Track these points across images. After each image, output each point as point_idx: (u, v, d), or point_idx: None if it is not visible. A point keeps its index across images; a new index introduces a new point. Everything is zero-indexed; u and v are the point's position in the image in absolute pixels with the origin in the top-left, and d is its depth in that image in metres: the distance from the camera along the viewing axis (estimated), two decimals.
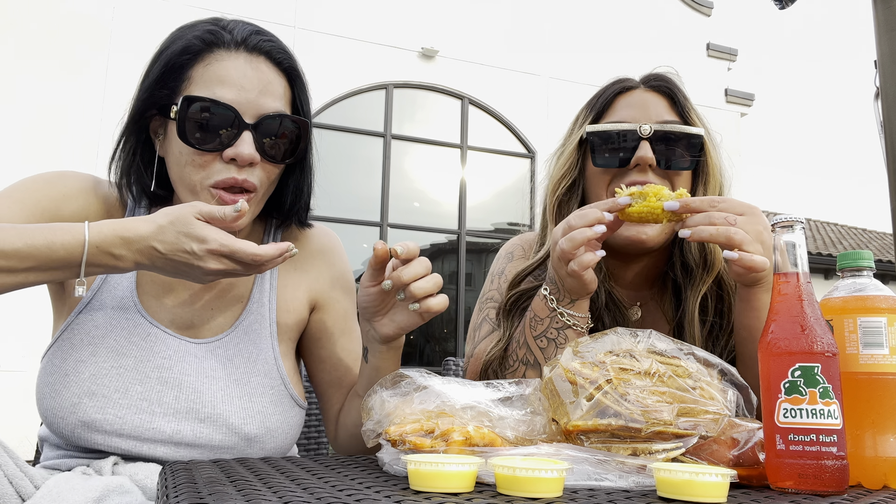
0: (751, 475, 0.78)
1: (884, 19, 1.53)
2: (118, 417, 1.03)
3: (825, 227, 15.66)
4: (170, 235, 0.91)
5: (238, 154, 1.04)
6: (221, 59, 1.06)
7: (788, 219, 0.82)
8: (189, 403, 1.07)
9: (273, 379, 1.16)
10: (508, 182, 8.94)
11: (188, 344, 1.12)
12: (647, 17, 9.68)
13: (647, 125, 1.20)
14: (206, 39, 1.06)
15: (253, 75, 1.06)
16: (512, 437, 0.81)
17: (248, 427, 1.10)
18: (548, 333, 1.13)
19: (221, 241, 0.91)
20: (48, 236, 0.89)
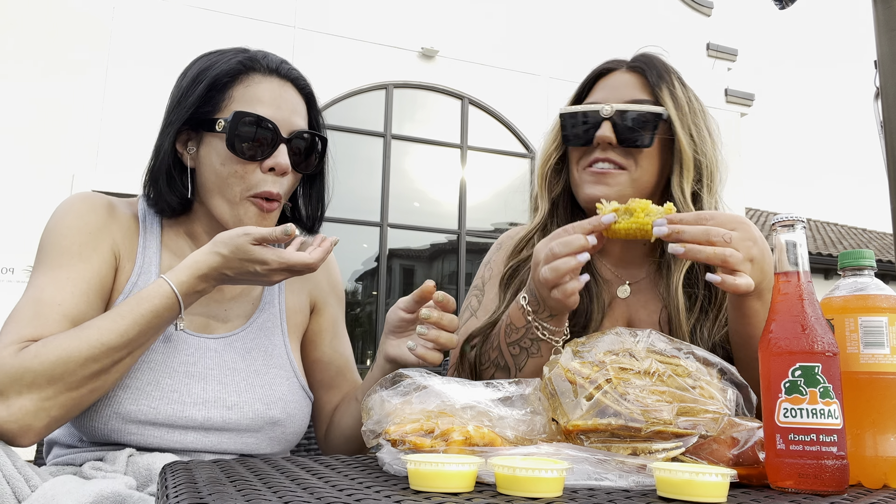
0: (751, 475, 0.78)
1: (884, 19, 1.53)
2: (151, 408, 1.10)
3: (825, 227, 15.66)
4: (234, 263, 1.06)
5: (277, 164, 1.18)
6: (259, 81, 1.20)
7: (789, 218, 0.82)
8: (216, 393, 1.16)
9: (287, 371, 1.26)
10: (508, 182, 8.94)
11: (207, 340, 1.20)
12: (648, 17, 9.68)
13: (608, 106, 1.26)
14: (245, 64, 1.21)
15: (285, 97, 1.22)
16: (512, 436, 0.81)
17: (272, 412, 1.19)
18: (521, 342, 1.15)
19: (279, 261, 1.06)
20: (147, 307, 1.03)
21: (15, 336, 1.01)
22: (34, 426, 0.97)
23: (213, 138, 1.18)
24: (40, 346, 0.99)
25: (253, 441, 1.18)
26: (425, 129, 8.78)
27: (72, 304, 1.07)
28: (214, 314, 1.25)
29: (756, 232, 1.01)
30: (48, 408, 0.97)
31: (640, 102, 1.27)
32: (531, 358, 1.14)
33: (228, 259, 1.06)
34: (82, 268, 1.12)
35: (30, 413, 0.96)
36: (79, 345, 0.99)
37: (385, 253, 8.39)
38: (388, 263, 8.51)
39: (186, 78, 1.22)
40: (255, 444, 1.19)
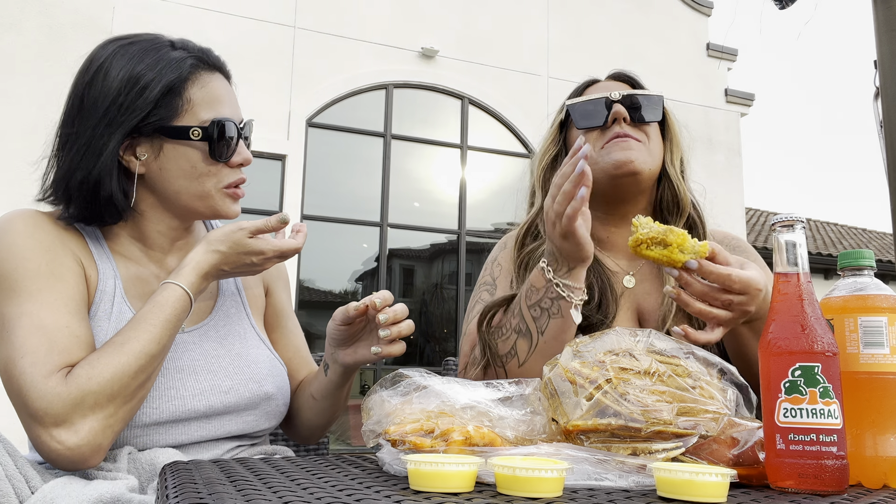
0: (751, 475, 0.78)
1: (884, 19, 1.53)
2: (154, 408, 1.11)
3: (825, 227, 15.66)
4: (232, 258, 1.12)
5: (245, 159, 1.22)
6: (209, 80, 1.19)
7: (788, 218, 0.82)
8: (209, 382, 1.17)
9: (262, 349, 1.30)
10: (508, 182, 8.94)
11: (181, 335, 1.20)
12: (648, 17, 9.68)
13: (616, 92, 1.39)
14: (193, 62, 1.17)
15: (230, 90, 1.25)
16: (512, 436, 0.81)
17: (265, 387, 1.23)
18: (541, 303, 1.17)
19: (274, 249, 1.13)
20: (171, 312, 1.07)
21: (50, 366, 0.98)
22: (103, 444, 0.99)
23: (182, 146, 1.14)
24: (88, 367, 0.98)
25: (252, 419, 1.21)
26: (425, 129, 8.78)
27: (76, 324, 1.06)
28: None
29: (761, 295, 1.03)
30: (112, 424, 1.00)
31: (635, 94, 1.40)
32: (552, 319, 1.16)
33: (227, 255, 1.11)
34: (62, 286, 1.08)
35: (98, 433, 0.97)
36: (127, 360, 1.01)
37: (385, 253, 8.39)
38: (388, 263, 8.51)
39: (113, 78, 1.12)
40: (253, 422, 1.22)
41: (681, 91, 9.30)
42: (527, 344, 1.18)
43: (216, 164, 1.18)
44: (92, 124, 1.11)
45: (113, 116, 1.10)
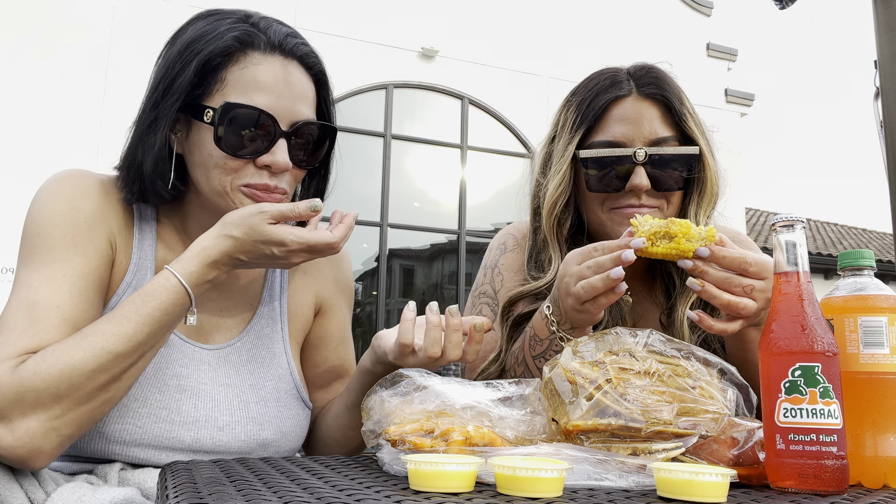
0: (751, 475, 0.78)
1: (884, 19, 1.53)
2: (137, 427, 1.02)
3: (825, 227, 15.65)
4: (248, 246, 0.96)
5: (274, 162, 1.03)
6: (258, 62, 1.04)
7: (789, 218, 0.82)
8: (207, 412, 1.07)
9: (286, 383, 1.17)
10: (508, 182, 8.93)
11: (201, 351, 1.11)
12: (648, 17, 9.68)
13: (641, 150, 1.17)
14: (241, 39, 1.03)
15: (290, 80, 1.05)
16: (512, 437, 0.81)
17: (264, 433, 1.11)
18: (546, 354, 1.12)
19: (298, 241, 0.96)
20: (155, 305, 0.93)
21: (10, 349, 0.90)
22: (44, 448, 0.87)
23: (201, 128, 1.03)
24: (39, 360, 0.88)
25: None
26: (425, 129, 8.78)
27: (71, 305, 0.96)
28: (209, 319, 1.14)
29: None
30: (58, 427, 0.88)
31: (666, 140, 1.20)
32: None
33: (241, 242, 0.95)
34: (78, 262, 0.99)
35: (38, 435, 0.86)
36: (83, 356, 0.88)
37: (385, 253, 8.39)
38: (388, 263, 8.50)
39: (174, 49, 1.06)
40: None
41: None
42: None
43: (234, 158, 1.02)
44: (152, 97, 1.05)
45: (164, 89, 1.04)
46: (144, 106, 1.07)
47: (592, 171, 1.20)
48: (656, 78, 1.24)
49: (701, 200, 1.23)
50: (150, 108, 1.05)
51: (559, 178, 1.24)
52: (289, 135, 1.05)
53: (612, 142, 1.20)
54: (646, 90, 1.22)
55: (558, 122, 1.30)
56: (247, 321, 1.17)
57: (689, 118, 1.22)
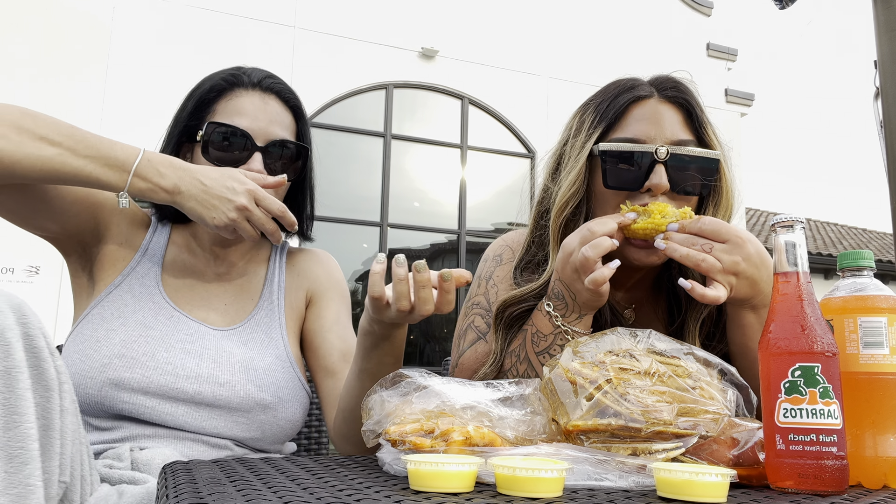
0: (751, 475, 0.78)
1: (884, 19, 1.53)
2: (145, 377, 1.14)
3: (825, 227, 15.66)
4: (215, 174, 1.13)
5: (250, 169, 1.23)
6: (240, 95, 1.28)
7: (788, 218, 0.82)
8: (209, 370, 1.19)
9: (283, 362, 1.29)
10: (508, 182, 8.94)
11: (207, 328, 1.25)
12: (648, 17, 9.68)
13: (663, 147, 1.14)
14: (228, 80, 1.29)
15: (264, 108, 1.28)
16: (512, 437, 0.81)
17: (263, 394, 1.21)
18: (551, 350, 1.11)
19: (258, 185, 1.14)
20: (112, 139, 1.09)
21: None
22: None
23: (197, 148, 1.27)
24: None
25: (244, 422, 1.20)
26: (425, 129, 8.78)
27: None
28: (215, 307, 1.30)
29: (751, 249, 1.02)
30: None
31: (687, 143, 1.17)
32: None
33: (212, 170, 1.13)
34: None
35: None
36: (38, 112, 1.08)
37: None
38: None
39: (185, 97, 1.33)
40: (245, 426, 1.20)
41: None
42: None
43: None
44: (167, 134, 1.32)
45: (173, 124, 1.31)
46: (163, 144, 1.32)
47: (611, 167, 1.16)
48: (678, 83, 1.22)
49: (716, 212, 1.20)
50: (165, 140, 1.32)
51: (574, 176, 1.19)
52: (264, 150, 1.26)
53: (632, 139, 1.17)
54: (667, 93, 1.21)
55: (572, 125, 1.26)
56: (248, 312, 1.33)
57: (708, 126, 1.21)
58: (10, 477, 0.79)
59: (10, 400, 0.81)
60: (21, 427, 0.81)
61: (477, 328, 1.28)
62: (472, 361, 1.25)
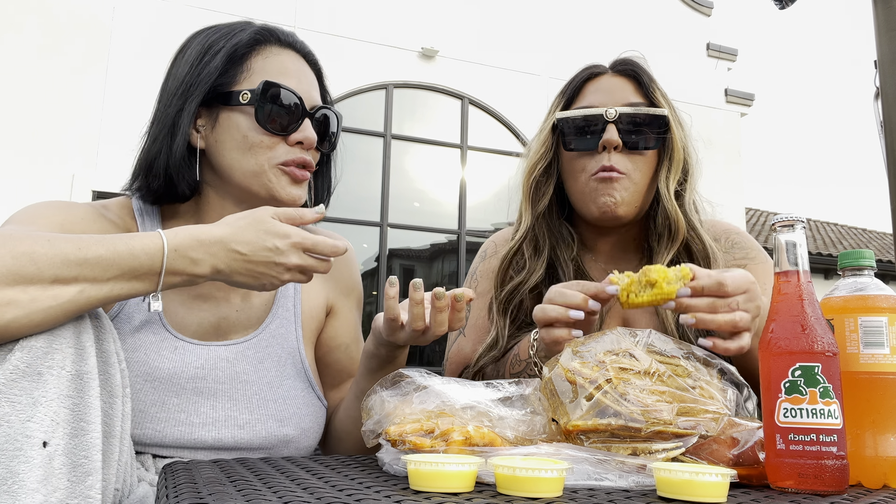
0: (751, 475, 0.78)
1: (884, 19, 1.53)
2: (157, 431, 1.04)
3: (825, 227, 15.66)
4: (250, 234, 0.89)
5: (306, 137, 1.12)
6: (277, 53, 1.15)
7: (789, 218, 0.82)
8: (226, 412, 1.09)
9: (302, 381, 1.20)
10: (508, 182, 8.92)
11: (217, 349, 1.12)
12: (648, 17, 9.68)
13: (612, 109, 1.26)
14: (261, 34, 1.15)
15: (304, 70, 1.18)
16: (512, 437, 0.81)
17: (285, 429, 1.13)
18: (521, 375, 1.15)
19: (303, 234, 0.92)
20: (127, 241, 0.85)
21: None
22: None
23: (234, 112, 1.10)
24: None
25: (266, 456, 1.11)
26: (425, 129, 8.78)
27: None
28: (225, 315, 1.16)
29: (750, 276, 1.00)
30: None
31: (636, 105, 1.28)
32: None
33: (242, 229, 0.89)
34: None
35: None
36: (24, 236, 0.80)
37: (385, 253, 8.39)
38: (388, 263, 8.50)
39: (191, 53, 1.13)
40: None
41: (681, 91, 9.29)
42: None
43: (270, 135, 1.10)
44: (170, 100, 1.12)
45: (185, 88, 1.11)
46: (161, 110, 1.13)
47: (570, 132, 1.29)
48: (627, 60, 1.36)
49: (670, 165, 1.29)
50: (169, 109, 1.11)
51: (539, 142, 1.35)
52: (311, 115, 1.15)
53: (587, 106, 1.30)
54: (619, 68, 1.35)
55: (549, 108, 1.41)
56: (262, 320, 1.19)
57: (656, 90, 1.32)
58: (73, 486, 0.76)
59: (80, 406, 0.78)
60: (88, 436, 0.78)
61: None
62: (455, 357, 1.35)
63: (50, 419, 0.76)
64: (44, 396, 0.76)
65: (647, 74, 1.33)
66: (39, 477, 0.73)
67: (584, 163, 1.28)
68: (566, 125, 1.29)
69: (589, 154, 1.27)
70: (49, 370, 0.77)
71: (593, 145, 1.26)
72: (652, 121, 1.27)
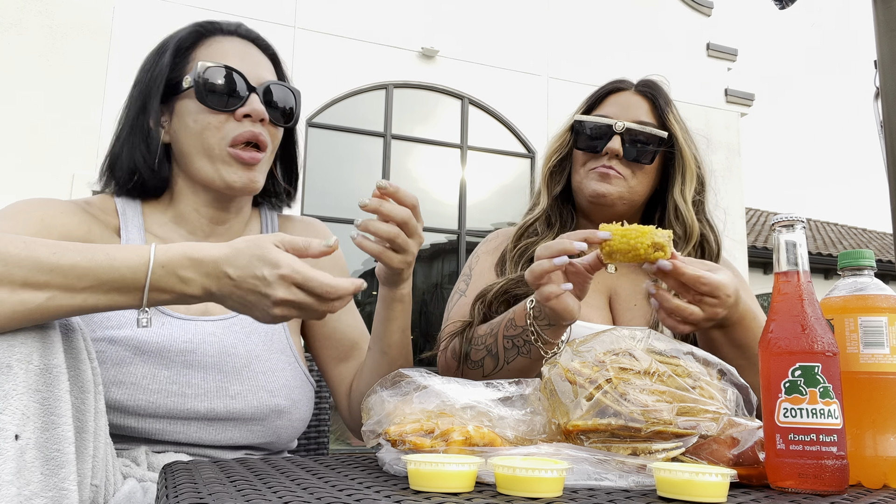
0: (751, 475, 0.78)
1: (884, 19, 1.53)
2: (150, 402, 1.06)
3: (825, 227, 15.66)
4: (243, 259, 0.84)
5: (253, 110, 1.14)
6: (220, 41, 1.21)
7: (789, 218, 0.82)
8: (217, 383, 1.11)
9: (288, 356, 1.22)
10: (508, 182, 8.93)
11: (205, 324, 1.15)
12: (648, 17, 9.68)
13: (621, 122, 1.41)
14: (205, 27, 1.22)
15: (249, 52, 1.22)
16: (512, 437, 0.81)
17: (276, 399, 1.15)
18: (516, 339, 1.18)
19: (295, 268, 0.84)
20: (109, 252, 0.82)
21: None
22: None
23: (183, 99, 1.16)
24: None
25: (259, 429, 1.15)
26: (425, 129, 8.78)
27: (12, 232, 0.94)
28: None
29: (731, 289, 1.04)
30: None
31: (646, 124, 1.42)
32: (520, 356, 1.18)
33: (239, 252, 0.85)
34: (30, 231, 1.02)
35: None
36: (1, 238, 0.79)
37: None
38: None
39: (147, 58, 1.23)
40: (261, 434, 1.15)
41: (681, 91, 9.29)
42: (492, 365, 1.22)
43: (216, 113, 1.14)
44: (132, 102, 1.21)
45: (142, 88, 1.19)
46: (126, 111, 1.22)
47: (581, 134, 1.46)
48: (651, 82, 1.50)
49: (684, 178, 1.44)
50: (130, 112, 1.20)
51: (559, 135, 1.52)
52: (259, 89, 1.17)
53: (603, 115, 1.46)
54: (640, 88, 1.49)
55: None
56: None
57: (670, 114, 1.46)
58: (46, 479, 0.76)
59: (49, 400, 0.78)
60: (59, 429, 0.78)
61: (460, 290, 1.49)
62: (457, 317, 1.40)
63: (21, 412, 0.76)
64: (14, 389, 0.76)
65: (665, 97, 1.47)
66: (13, 469, 0.74)
67: (587, 161, 1.45)
68: (581, 127, 1.46)
69: (594, 156, 1.43)
70: (18, 363, 0.77)
71: (599, 149, 1.42)
72: (654, 141, 1.41)
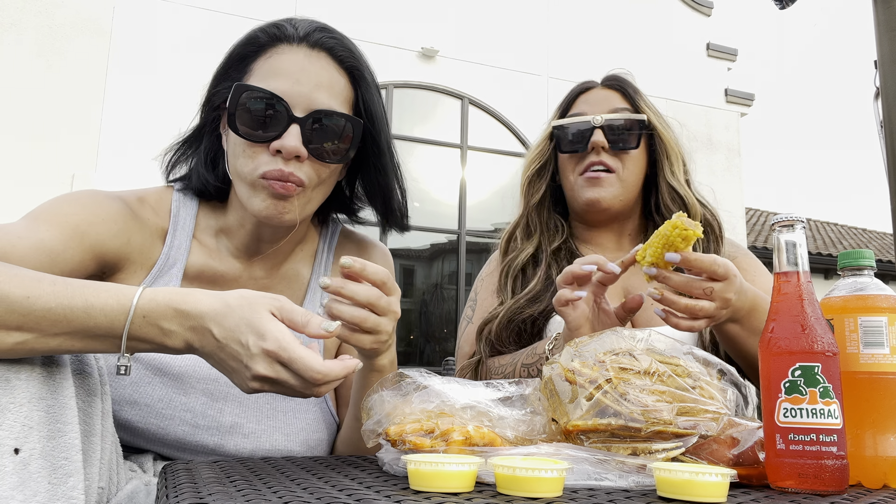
0: (751, 475, 0.78)
1: (884, 19, 1.53)
2: (161, 428, 1.02)
3: (825, 227, 15.65)
4: (231, 320, 0.76)
5: (283, 146, 1.00)
6: (283, 52, 1.05)
7: (788, 218, 0.82)
8: (233, 418, 1.05)
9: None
10: (508, 182, 8.93)
11: None
12: (648, 17, 9.67)
13: (599, 116, 1.44)
14: (270, 32, 1.07)
15: (310, 69, 1.04)
16: (512, 437, 0.81)
17: (291, 444, 1.09)
18: (531, 369, 1.25)
19: (282, 344, 0.74)
20: (89, 298, 0.75)
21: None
22: None
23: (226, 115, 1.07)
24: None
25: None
26: (425, 129, 8.78)
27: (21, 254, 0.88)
28: None
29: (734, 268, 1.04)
30: None
31: (621, 111, 1.45)
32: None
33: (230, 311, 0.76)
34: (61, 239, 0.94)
35: None
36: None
37: None
38: None
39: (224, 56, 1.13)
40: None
41: (681, 91, 9.30)
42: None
43: (249, 144, 1.02)
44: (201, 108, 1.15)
45: (208, 97, 1.13)
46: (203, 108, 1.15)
47: (563, 137, 1.48)
48: (616, 76, 1.54)
49: (669, 159, 1.46)
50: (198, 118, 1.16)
51: (536, 146, 1.55)
52: (303, 121, 1.01)
53: (578, 114, 1.49)
54: (607, 83, 1.54)
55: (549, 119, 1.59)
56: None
57: (640, 100, 1.49)
58: (54, 489, 0.74)
59: (55, 408, 0.76)
60: (66, 437, 0.76)
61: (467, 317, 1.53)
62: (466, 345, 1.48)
63: (21, 424, 0.72)
64: (12, 402, 0.72)
65: (632, 87, 1.51)
66: (13, 484, 0.71)
67: (575, 163, 1.47)
68: (561, 132, 1.49)
69: (580, 155, 1.45)
70: (17, 375, 0.74)
71: (584, 148, 1.44)
72: (634, 124, 1.44)
